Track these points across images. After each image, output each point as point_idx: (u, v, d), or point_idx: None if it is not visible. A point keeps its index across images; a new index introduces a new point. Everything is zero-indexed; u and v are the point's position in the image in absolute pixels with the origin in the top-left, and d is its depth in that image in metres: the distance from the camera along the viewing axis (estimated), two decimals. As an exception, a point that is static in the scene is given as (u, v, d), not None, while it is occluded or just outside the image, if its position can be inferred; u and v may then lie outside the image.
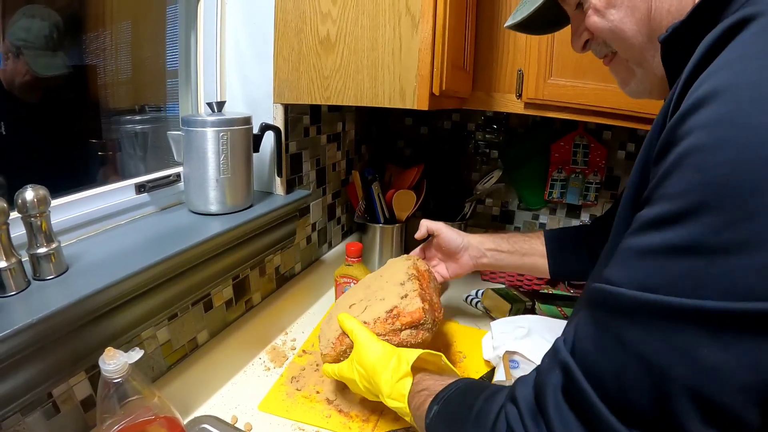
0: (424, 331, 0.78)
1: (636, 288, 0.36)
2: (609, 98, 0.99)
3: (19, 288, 0.56)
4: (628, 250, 0.39)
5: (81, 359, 0.60)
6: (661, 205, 0.37)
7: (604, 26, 0.53)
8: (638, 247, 0.38)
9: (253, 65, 0.98)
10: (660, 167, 0.38)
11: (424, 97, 0.84)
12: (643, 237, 0.38)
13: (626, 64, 0.57)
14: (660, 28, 0.49)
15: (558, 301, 1.22)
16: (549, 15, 0.63)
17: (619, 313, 0.38)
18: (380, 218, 1.34)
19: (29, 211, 0.56)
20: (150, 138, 0.98)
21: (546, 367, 0.44)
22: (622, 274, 0.38)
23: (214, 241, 0.78)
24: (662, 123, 0.41)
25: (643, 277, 0.36)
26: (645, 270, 0.37)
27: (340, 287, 1.13)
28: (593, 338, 0.40)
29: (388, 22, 0.83)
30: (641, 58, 0.53)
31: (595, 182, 1.42)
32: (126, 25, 0.89)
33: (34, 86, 0.74)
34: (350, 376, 0.75)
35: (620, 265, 0.39)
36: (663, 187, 0.37)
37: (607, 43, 0.56)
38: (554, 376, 0.42)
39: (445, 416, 0.57)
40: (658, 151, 0.39)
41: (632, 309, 0.36)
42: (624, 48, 0.54)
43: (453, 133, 1.57)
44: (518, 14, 0.65)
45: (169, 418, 0.58)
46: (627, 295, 0.37)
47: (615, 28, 0.53)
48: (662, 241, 0.36)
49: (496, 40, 1.08)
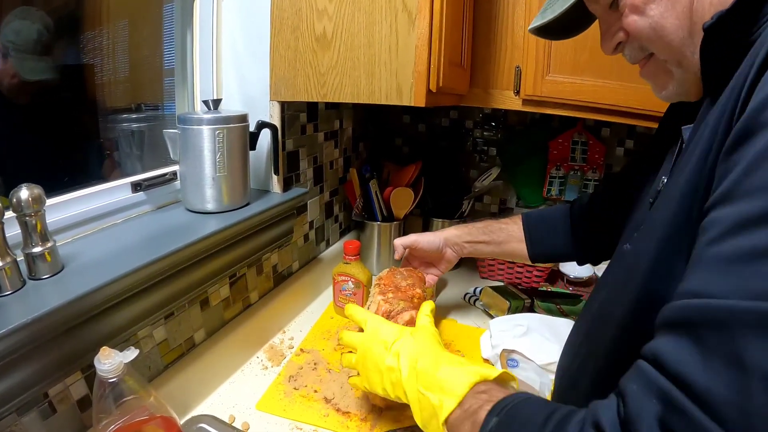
0: (406, 310, 0.82)
1: (750, 298, 0.31)
2: (607, 95, 0.99)
3: (14, 287, 0.56)
4: (720, 256, 0.34)
5: (77, 359, 0.59)
6: (751, 201, 0.33)
7: (644, 24, 0.50)
8: (737, 252, 0.33)
9: (249, 63, 0.98)
10: (737, 159, 0.36)
11: (421, 93, 0.84)
12: (738, 239, 0.33)
13: (663, 66, 0.53)
14: (701, 21, 0.47)
15: (556, 298, 1.22)
16: (570, 18, 0.61)
17: (732, 330, 0.32)
18: (378, 216, 1.34)
19: (24, 210, 0.56)
20: (146, 136, 0.97)
21: (636, 394, 0.37)
22: (723, 285, 0.33)
23: (211, 239, 0.78)
24: (729, 114, 0.40)
25: (755, 285, 0.32)
26: (755, 276, 0.32)
27: (338, 285, 1.13)
28: (699, 362, 0.33)
29: (385, 18, 0.83)
30: (681, 56, 0.50)
31: (593, 179, 1.42)
32: (123, 24, 0.89)
33: (23, 88, 0.73)
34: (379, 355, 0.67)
35: (715, 275, 0.34)
36: (748, 181, 0.34)
37: (643, 46, 0.53)
38: (650, 404, 0.35)
39: (508, 428, 0.48)
40: (733, 142, 0.37)
41: (751, 323, 0.31)
42: (663, 46, 0.51)
43: (451, 131, 1.57)
44: (548, 13, 0.62)
45: (165, 418, 0.58)
46: (741, 308, 0.31)
47: (656, 25, 0.50)
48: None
49: (493, 36, 1.08)
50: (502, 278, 1.37)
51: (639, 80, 1.03)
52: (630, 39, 0.54)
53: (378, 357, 0.66)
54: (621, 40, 0.56)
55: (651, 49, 0.53)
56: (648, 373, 0.37)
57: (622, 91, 0.98)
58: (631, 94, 0.98)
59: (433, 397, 0.57)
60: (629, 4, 0.51)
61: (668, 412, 0.34)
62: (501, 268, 1.37)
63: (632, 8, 0.51)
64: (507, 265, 1.35)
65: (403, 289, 0.87)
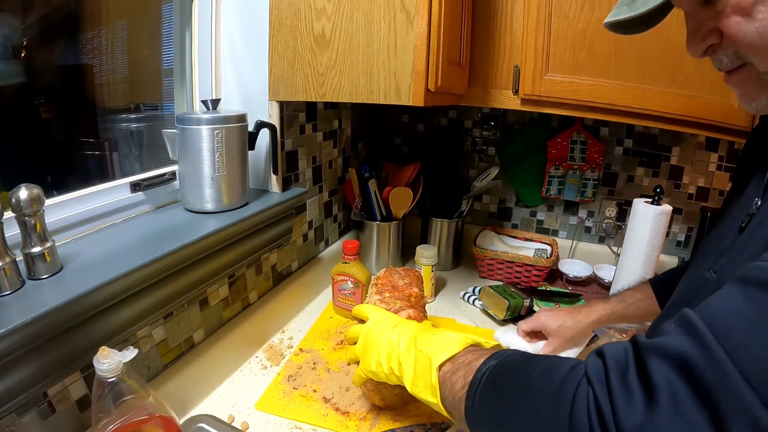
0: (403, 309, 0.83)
1: None
2: (605, 94, 0.99)
3: (13, 287, 0.56)
4: None
5: (76, 359, 0.59)
6: None
7: (750, 29, 0.43)
8: None
9: (248, 63, 0.98)
10: None
11: (420, 93, 0.84)
12: None
13: (759, 77, 0.46)
14: None
15: (556, 297, 1.23)
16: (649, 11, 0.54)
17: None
18: (377, 216, 1.34)
19: (23, 210, 0.56)
20: (145, 136, 0.97)
21: (667, 329, 0.39)
22: None
23: (210, 239, 0.78)
24: None
25: None
26: None
27: (337, 285, 1.13)
28: (740, 314, 0.36)
29: (383, 18, 0.83)
30: None
31: (592, 179, 1.42)
32: (121, 24, 0.89)
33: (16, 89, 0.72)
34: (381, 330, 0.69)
35: None
36: None
37: (740, 54, 0.46)
38: (678, 340, 0.37)
39: (505, 369, 0.50)
40: None
41: None
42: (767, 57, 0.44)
43: (450, 130, 1.57)
44: (640, 4, 0.53)
45: (164, 418, 0.58)
46: None
47: (764, 31, 0.43)
48: None
49: (492, 35, 1.08)
50: (501, 278, 1.38)
51: (637, 80, 1.03)
52: (725, 43, 0.47)
53: (378, 335, 0.68)
54: (714, 42, 0.48)
55: (750, 58, 0.46)
56: (688, 315, 0.38)
57: (620, 91, 0.99)
58: (629, 93, 0.98)
59: (429, 350, 0.60)
60: (733, 3, 0.43)
61: (696, 351, 0.35)
62: (500, 268, 1.37)
63: (736, 8, 0.43)
64: (506, 264, 1.35)
65: (400, 288, 0.87)
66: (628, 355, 0.39)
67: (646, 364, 0.37)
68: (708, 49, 0.49)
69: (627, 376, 0.37)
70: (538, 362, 0.47)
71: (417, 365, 0.60)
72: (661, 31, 0.92)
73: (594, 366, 0.40)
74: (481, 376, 0.50)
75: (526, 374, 0.46)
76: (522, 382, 0.46)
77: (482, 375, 0.50)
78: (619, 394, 0.37)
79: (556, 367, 0.44)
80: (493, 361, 0.51)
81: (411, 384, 0.60)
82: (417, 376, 0.60)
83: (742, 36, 0.44)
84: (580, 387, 0.40)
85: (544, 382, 0.43)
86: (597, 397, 0.38)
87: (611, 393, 0.37)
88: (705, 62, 0.53)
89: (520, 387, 0.46)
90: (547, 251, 1.40)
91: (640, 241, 1.15)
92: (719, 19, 0.45)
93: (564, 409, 0.40)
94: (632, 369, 0.38)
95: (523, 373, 0.47)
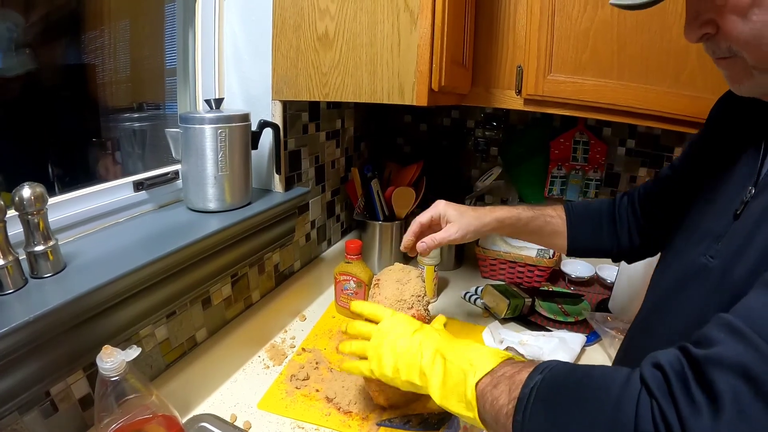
0: (403, 309, 0.82)
1: None
2: (608, 94, 0.99)
3: (16, 286, 0.56)
4: None
5: (79, 357, 0.59)
6: None
7: (744, 30, 0.45)
8: None
9: (251, 62, 0.98)
10: None
11: (423, 93, 0.84)
12: None
13: (746, 67, 0.49)
14: None
15: (558, 298, 1.22)
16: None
17: None
18: (380, 215, 1.34)
19: (26, 209, 0.56)
20: (148, 136, 0.97)
21: (715, 338, 0.39)
22: None
23: (213, 238, 0.78)
24: None
25: None
26: None
27: (339, 285, 1.13)
28: None
29: (387, 18, 0.83)
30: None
31: (595, 179, 1.41)
32: (124, 24, 0.89)
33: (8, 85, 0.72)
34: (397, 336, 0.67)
35: None
36: None
37: (732, 48, 0.48)
38: (733, 349, 0.37)
39: (554, 383, 0.49)
40: None
41: None
42: (758, 55, 0.46)
43: (452, 130, 1.57)
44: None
45: (167, 417, 0.58)
46: None
47: (757, 33, 0.44)
48: None
49: (495, 35, 1.08)
50: (503, 278, 1.37)
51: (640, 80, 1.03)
52: (720, 37, 0.49)
53: (395, 340, 0.67)
54: (709, 32, 0.49)
55: (741, 53, 0.48)
56: (728, 320, 0.39)
57: (623, 91, 0.98)
58: (632, 93, 0.98)
59: (463, 363, 0.58)
60: (730, 4, 0.45)
61: (753, 357, 0.36)
62: (503, 268, 1.36)
63: (734, 8, 0.45)
64: (509, 264, 1.35)
65: (401, 288, 0.87)
66: (684, 366, 0.40)
67: (706, 375, 0.37)
68: (703, 36, 0.51)
69: (689, 386, 0.38)
70: (589, 373, 0.47)
71: (448, 378, 0.59)
72: (663, 31, 0.92)
73: (654, 377, 0.41)
74: (529, 391, 0.49)
75: (578, 387, 0.47)
76: (576, 396, 0.46)
77: (530, 390, 0.49)
78: (684, 404, 0.37)
79: (610, 380, 0.44)
80: (539, 376, 0.50)
81: (440, 396, 0.59)
82: (448, 390, 0.58)
83: (737, 34, 0.46)
84: (641, 399, 0.40)
85: (600, 395, 0.43)
86: (662, 409, 0.38)
87: (676, 404, 0.38)
88: (708, 62, 0.53)
89: (575, 401, 0.46)
90: (550, 251, 1.40)
91: (643, 241, 1.14)
92: (717, 12, 0.47)
93: (627, 421, 0.40)
94: (692, 379, 0.38)
95: (575, 386, 0.47)
